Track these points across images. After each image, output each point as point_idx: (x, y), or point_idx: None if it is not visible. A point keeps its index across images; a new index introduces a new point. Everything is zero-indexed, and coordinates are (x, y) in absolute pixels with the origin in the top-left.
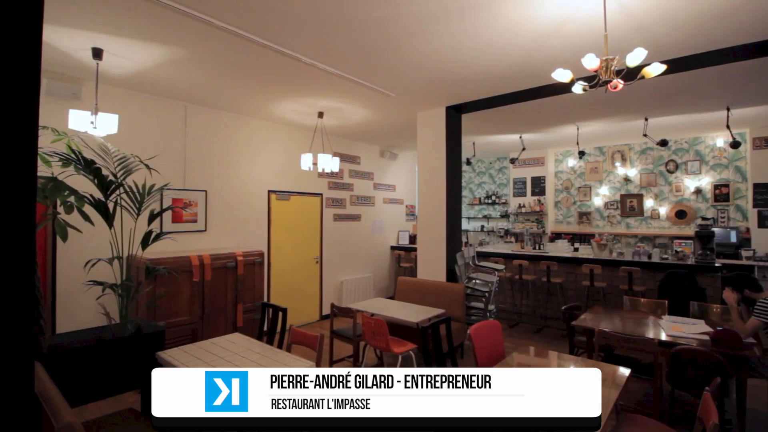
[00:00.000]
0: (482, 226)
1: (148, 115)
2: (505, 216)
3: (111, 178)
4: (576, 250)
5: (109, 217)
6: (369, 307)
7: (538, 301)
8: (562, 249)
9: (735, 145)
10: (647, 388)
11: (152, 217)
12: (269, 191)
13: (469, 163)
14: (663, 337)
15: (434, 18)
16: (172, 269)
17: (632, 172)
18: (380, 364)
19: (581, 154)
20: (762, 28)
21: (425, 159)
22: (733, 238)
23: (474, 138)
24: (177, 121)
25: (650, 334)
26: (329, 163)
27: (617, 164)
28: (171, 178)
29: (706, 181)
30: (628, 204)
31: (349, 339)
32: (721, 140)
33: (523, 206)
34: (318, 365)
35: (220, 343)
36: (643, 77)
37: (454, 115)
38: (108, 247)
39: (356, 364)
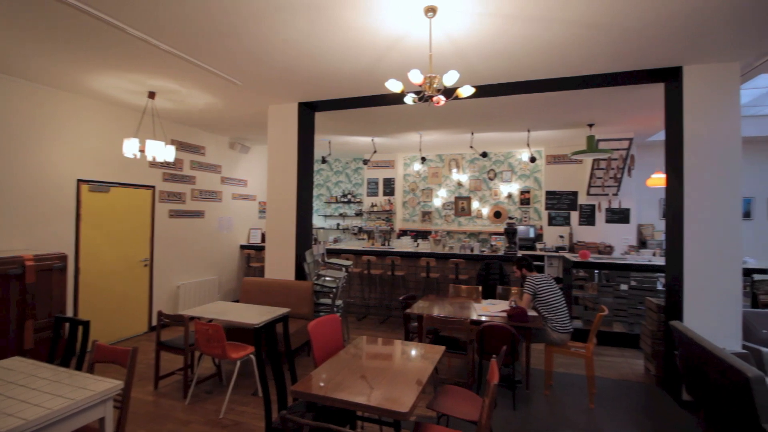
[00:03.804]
0: (338, 224)
1: None
2: (359, 214)
3: None
4: (417, 245)
5: None
6: (206, 312)
7: (384, 294)
8: (406, 245)
9: (532, 159)
10: (465, 362)
11: None
12: (79, 181)
13: (325, 161)
14: (474, 317)
15: (281, 10)
16: None
17: (464, 178)
18: (218, 373)
19: (423, 159)
20: (550, 68)
21: (276, 154)
22: (532, 234)
23: (330, 137)
24: None
25: (473, 316)
26: (162, 151)
27: (453, 170)
28: None
29: (515, 188)
30: (460, 205)
31: (180, 349)
32: (525, 155)
33: (376, 205)
34: (128, 384)
35: None
36: (457, 97)
37: (307, 111)
38: None
39: (187, 376)
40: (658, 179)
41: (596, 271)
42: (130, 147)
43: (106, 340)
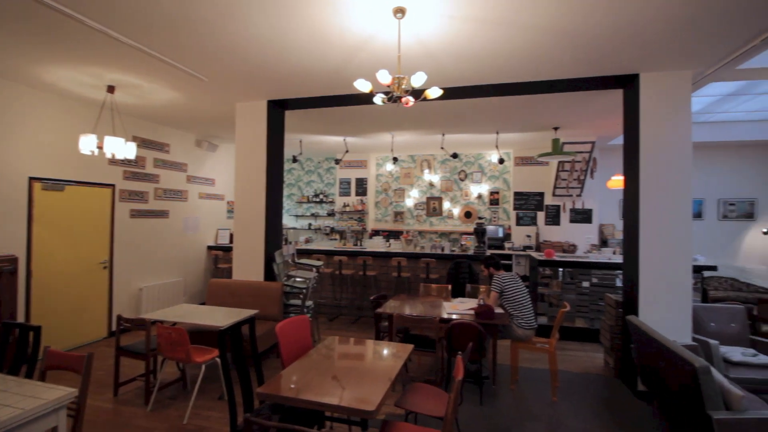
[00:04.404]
0: (310, 224)
1: None
2: (331, 214)
3: None
4: (389, 245)
5: None
6: (169, 315)
7: (355, 294)
8: (378, 245)
9: (501, 161)
10: (435, 360)
11: None
12: (31, 179)
13: (296, 160)
14: (444, 315)
15: (248, 5)
16: None
17: (435, 179)
18: (182, 378)
19: (395, 160)
20: (517, 72)
21: (244, 153)
22: (500, 233)
23: (301, 136)
24: None
25: (443, 315)
26: (122, 148)
27: (425, 171)
28: None
29: (485, 189)
30: (432, 205)
31: (141, 354)
32: (495, 157)
33: (348, 205)
34: (83, 391)
35: None
36: (425, 98)
37: (277, 110)
38: None
39: (149, 382)
40: (618, 181)
41: (560, 269)
42: (87, 143)
43: (62, 347)
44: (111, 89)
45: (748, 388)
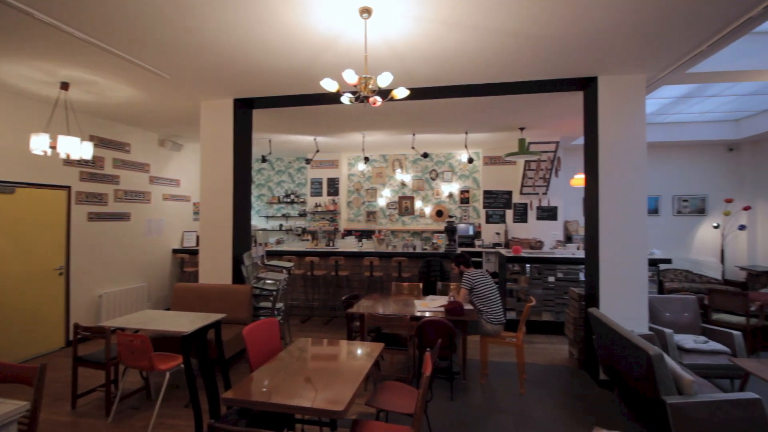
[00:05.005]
0: (281, 225)
1: None
2: (303, 215)
3: None
4: (362, 245)
5: None
6: (130, 322)
7: (328, 294)
8: (350, 245)
9: (470, 161)
10: (407, 358)
11: None
12: None
13: (265, 160)
14: (416, 313)
15: (212, 2)
16: None
17: (407, 178)
18: (146, 387)
19: (366, 159)
20: (484, 73)
21: (209, 152)
22: (471, 231)
23: (270, 135)
24: None
25: (415, 312)
26: (77, 148)
27: (397, 170)
28: None
29: (455, 188)
30: (404, 205)
31: (101, 364)
32: (464, 156)
33: (320, 205)
34: (36, 404)
35: None
36: (392, 98)
37: (244, 108)
38: None
39: (110, 392)
40: (580, 179)
41: (528, 265)
42: (38, 143)
43: (15, 359)
44: (65, 86)
45: (700, 373)
